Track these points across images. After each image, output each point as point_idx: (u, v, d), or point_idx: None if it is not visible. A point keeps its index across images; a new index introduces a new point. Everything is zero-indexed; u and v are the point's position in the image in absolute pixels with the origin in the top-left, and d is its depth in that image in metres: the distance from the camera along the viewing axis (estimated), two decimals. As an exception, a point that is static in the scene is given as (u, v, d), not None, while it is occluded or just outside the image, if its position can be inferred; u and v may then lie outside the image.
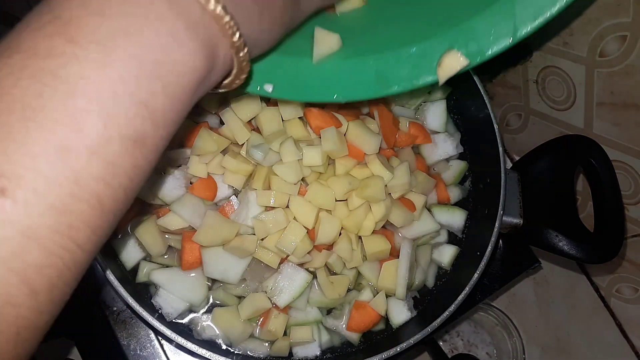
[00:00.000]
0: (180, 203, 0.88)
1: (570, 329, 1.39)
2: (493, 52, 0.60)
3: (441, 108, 1.08)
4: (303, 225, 0.86)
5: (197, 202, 0.89)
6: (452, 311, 0.88)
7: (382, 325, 0.97)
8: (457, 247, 1.02)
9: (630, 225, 1.24)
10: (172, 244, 0.92)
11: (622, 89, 1.08)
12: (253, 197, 0.87)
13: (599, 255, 0.96)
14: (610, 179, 0.97)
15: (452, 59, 0.62)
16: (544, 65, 1.24)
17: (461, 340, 1.32)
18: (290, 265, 0.88)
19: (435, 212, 1.02)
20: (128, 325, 0.98)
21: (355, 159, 0.91)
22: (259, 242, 0.87)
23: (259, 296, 0.89)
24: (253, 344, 0.91)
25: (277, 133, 0.89)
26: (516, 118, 1.42)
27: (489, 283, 1.14)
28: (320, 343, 0.92)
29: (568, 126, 1.26)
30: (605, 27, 1.05)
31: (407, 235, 0.96)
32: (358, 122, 0.92)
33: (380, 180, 0.88)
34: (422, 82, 0.65)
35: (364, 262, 0.93)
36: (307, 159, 0.86)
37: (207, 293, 0.91)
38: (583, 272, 1.44)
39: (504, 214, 0.96)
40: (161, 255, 0.92)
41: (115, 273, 0.82)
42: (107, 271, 0.82)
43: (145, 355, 0.97)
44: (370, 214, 0.89)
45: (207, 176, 0.90)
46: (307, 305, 0.91)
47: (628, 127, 1.11)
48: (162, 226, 0.89)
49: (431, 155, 1.05)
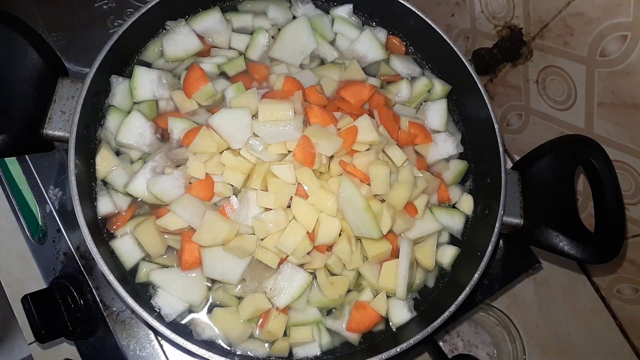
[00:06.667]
0: (180, 203, 0.88)
1: (571, 329, 1.39)
2: None
3: (442, 107, 1.07)
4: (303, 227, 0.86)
5: (196, 202, 0.89)
6: (453, 311, 0.88)
7: (382, 325, 0.97)
8: (458, 248, 1.02)
9: (631, 226, 1.24)
10: (171, 244, 0.91)
11: (623, 89, 1.08)
12: (253, 197, 0.87)
13: (600, 255, 0.95)
14: (611, 179, 0.97)
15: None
16: (545, 65, 1.24)
17: (461, 340, 1.32)
18: (290, 265, 0.88)
19: (436, 213, 1.02)
20: (127, 325, 0.98)
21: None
22: (259, 242, 0.87)
23: (258, 297, 0.88)
24: (253, 345, 0.91)
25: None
26: (517, 118, 1.42)
27: (489, 283, 1.14)
28: (320, 343, 0.92)
29: (568, 126, 1.26)
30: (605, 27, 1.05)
31: (410, 236, 0.96)
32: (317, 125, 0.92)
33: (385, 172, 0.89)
34: None
35: (364, 263, 0.93)
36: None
37: (206, 293, 0.91)
38: (583, 272, 1.44)
39: (505, 214, 0.95)
40: (160, 256, 0.91)
41: (114, 273, 0.82)
42: (106, 271, 0.82)
43: (145, 355, 0.97)
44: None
45: (206, 176, 0.90)
46: (307, 305, 0.91)
47: (629, 127, 1.11)
48: (161, 226, 0.89)
49: (431, 154, 1.05)
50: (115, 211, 0.93)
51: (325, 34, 1.10)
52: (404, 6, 1.06)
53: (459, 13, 1.40)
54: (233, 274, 0.88)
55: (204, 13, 1.07)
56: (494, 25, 1.31)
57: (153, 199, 0.91)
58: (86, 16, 1.14)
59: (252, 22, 1.09)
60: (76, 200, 0.83)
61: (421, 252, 0.97)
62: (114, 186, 0.94)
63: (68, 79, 0.92)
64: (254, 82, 1.03)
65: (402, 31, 1.14)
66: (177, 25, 1.03)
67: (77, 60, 1.09)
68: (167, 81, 0.99)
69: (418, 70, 1.12)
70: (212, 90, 0.96)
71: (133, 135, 0.94)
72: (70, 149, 0.85)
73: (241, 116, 0.88)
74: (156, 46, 1.05)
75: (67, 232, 1.02)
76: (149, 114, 0.97)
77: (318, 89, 0.99)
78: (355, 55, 1.09)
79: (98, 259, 0.82)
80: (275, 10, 1.09)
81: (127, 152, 0.96)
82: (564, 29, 1.13)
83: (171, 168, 0.91)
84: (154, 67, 1.03)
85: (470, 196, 1.05)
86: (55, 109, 0.90)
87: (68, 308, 0.99)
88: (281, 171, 0.86)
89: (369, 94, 1.00)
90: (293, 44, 1.05)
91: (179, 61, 1.03)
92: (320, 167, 0.89)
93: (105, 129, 0.97)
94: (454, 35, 1.45)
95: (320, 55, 1.09)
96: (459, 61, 1.03)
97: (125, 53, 1.02)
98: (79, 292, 1.00)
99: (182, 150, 0.92)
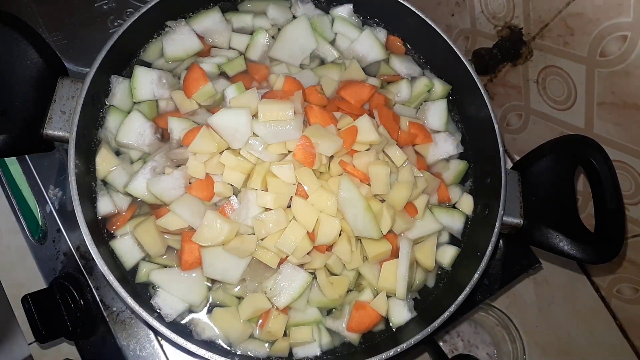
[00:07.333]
0: (180, 203, 0.88)
1: (571, 329, 1.39)
2: None
3: (442, 107, 1.07)
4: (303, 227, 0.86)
5: (196, 202, 0.89)
6: (453, 311, 0.88)
7: (382, 325, 0.97)
8: (458, 248, 1.02)
9: (631, 226, 1.24)
10: (171, 244, 0.91)
11: (623, 89, 1.08)
12: (253, 197, 0.87)
13: (600, 255, 0.95)
14: (610, 179, 0.97)
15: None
16: (545, 65, 1.24)
17: (461, 340, 1.32)
18: (290, 265, 0.88)
19: (436, 213, 1.02)
20: (127, 325, 0.98)
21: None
22: (259, 242, 0.87)
23: (258, 297, 0.88)
24: (253, 345, 0.91)
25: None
26: (517, 118, 1.42)
27: (489, 283, 1.14)
28: (320, 343, 0.92)
29: (568, 126, 1.26)
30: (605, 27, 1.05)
31: (410, 236, 0.96)
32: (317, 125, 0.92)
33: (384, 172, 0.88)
34: None
35: (364, 263, 0.93)
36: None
37: (206, 293, 0.91)
38: (583, 272, 1.44)
39: (505, 214, 0.95)
40: (160, 256, 0.91)
41: (114, 273, 0.82)
42: (106, 271, 0.82)
43: (145, 355, 0.97)
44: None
45: (206, 176, 0.90)
46: (307, 305, 0.91)
47: (629, 127, 1.11)
48: (161, 226, 0.89)
49: (431, 154, 1.05)
50: (115, 211, 0.93)
51: (325, 34, 1.10)
52: (404, 6, 1.06)
53: (459, 13, 1.40)
54: (233, 274, 0.88)
55: (204, 13, 1.07)
56: (494, 25, 1.31)
57: (153, 199, 0.91)
58: (86, 16, 1.14)
59: (252, 22, 1.09)
60: (76, 200, 0.83)
61: (421, 252, 0.97)
62: (114, 186, 0.94)
63: (68, 79, 0.92)
64: (254, 82, 1.03)
65: (402, 31, 1.14)
66: (177, 25, 1.03)
67: (77, 60, 1.09)
68: (167, 81, 0.99)
69: (418, 70, 1.12)
70: (212, 90, 0.96)
71: (133, 135, 0.94)
72: (70, 149, 0.85)
73: (241, 116, 0.88)
74: (156, 46, 1.05)
75: (67, 232, 1.02)
76: (149, 114, 0.98)
77: (318, 89, 0.99)
78: (355, 55, 1.09)
79: (98, 259, 0.82)
80: (275, 10, 1.09)
81: (127, 152, 0.96)
82: (564, 29, 1.13)
83: (171, 168, 0.91)
84: (154, 67, 1.03)
85: (470, 196, 1.05)
86: (55, 109, 0.90)
87: (68, 308, 0.99)
88: (281, 171, 0.86)
89: (369, 94, 1.00)
90: (293, 44, 1.05)
91: (179, 61, 1.03)
92: (320, 167, 0.89)
93: (105, 129, 0.97)
94: (454, 35, 1.45)
95: (320, 55, 1.09)
96: (459, 61, 1.03)
97: (125, 53, 1.02)
98: (79, 292, 1.00)
99: (182, 150, 0.92)
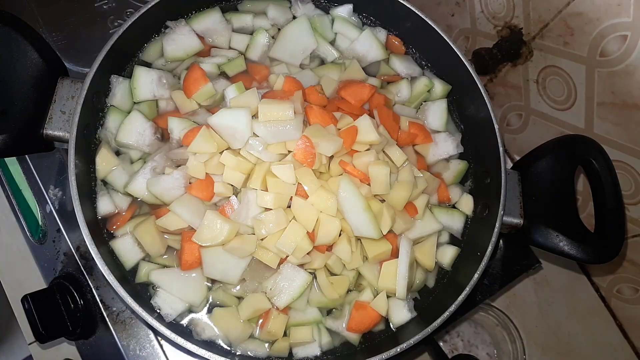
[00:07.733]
0: (180, 203, 0.88)
1: (571, 329, 1.39)
2: None
3: (442, 107, 1.07)
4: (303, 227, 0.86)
5: (196, 202, 0.89)
6: (453, 311, 0.88)
7: (382, 325, 0.97)
8: (458, 248, 1.02)
9: (631, 225, 1.23)
10: (171, 244, 0.91)
11: (623, 89, 1.08)
12: (253, 197, 0.87)
13: (600, 255, 0.95)
14: (610, 179, 0.97)
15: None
16: (545, 65, 1.24)
17: (461, 340, 1.32)
18: (290, 265, 0.88)
19: (435, 213, 1.02)
20: (127, 325, 0.98)
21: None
22: (259, 242, 0.87)
23: (258, 297, 0.88)
24: (253, 345, 0.91)
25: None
26: (517, 118, 1.42)
27: (489, 283, 1.14)
28: (320, 343, 0.92)
29: (568, 126, 1.26)
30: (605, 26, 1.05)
31: (410, 236, 0.96)
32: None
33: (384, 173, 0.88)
34: None
35: (364, 263, 0.93)
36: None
37: (206, 293, 0.91)
38: (583, 272, 1.44)
39: (505, 214, 0.95)
40: (160, 256, 0.92)
41: (114, 273, 0.82)
42: (106, 271, 0.82)
43: (145, 355, 0.97)
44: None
45: (206, 176, 0.90)
46: (307, 305, 0.91)
47: (629, 127, 1.11)
48: (161, 226, 0.89)
49: (431, 154, 1.05)
50: (115, 211, 0.93)
51: (325, 34, 1.10)
52: (404, 6, 1.06)
53: (459, 13, 1.40)
54: (233, 274, 0.88)
55: (204, 13, 1.07)
56: (494, 25, 1.31)
57: (153, 199, 0.91)
58: (86, 16, 1.14)
59: (252, 22, 1.09)
60: (76, 200, 0.83)
61: (421, 252, 0.97)
62: (114, 186, 0.94)
63: (68, 79, 0.92)
64: (254, 82, 1.03)
65: (402, 31, 1.14)
66: (177, 25, 1.03)
67: (77, 60, 1.09)
68: (167, 81, 0.99)
69: (418, 70, 1.12)
70: (212, 90, 0.96)
71: (133, 135, 0.94)
72: (70, 149, 0.85)
73: (241, 116, 0.88)
74: (156, 46, 1.05)
75: (67, 232, 1.02)
76: (149, 114, 0.98)
77: (318, 89, 0.99)
78: (355, 55, 1.09)
79: (98, 259, 0.82)
80: (275, 10, 1.09)
81: (127, 152, 0.96)
82: (564, 29, 1.13)
83: (171, 168, 0.91)
84: (154, 67, 1.03)
85: (470, 196, 1.05)
86: (55, 109, 0.90)
87: (68, 308, 0.99)
88: (281, 171, 0.86)
89: (369, 94, 1.00)
90: (293, 44, 1.05)
91: (179, 61, 1.04)
92: (320, 167, 0.89)
93: (105, 129, 0.97)
94: (454, 35, 1.45)
95: (320, 55, 1.09)
96: (459, 61, 1.03)
97: (125, 53, 1.02)
98: (79, 292, 1.00)
99: (182, 150, 0.92)
